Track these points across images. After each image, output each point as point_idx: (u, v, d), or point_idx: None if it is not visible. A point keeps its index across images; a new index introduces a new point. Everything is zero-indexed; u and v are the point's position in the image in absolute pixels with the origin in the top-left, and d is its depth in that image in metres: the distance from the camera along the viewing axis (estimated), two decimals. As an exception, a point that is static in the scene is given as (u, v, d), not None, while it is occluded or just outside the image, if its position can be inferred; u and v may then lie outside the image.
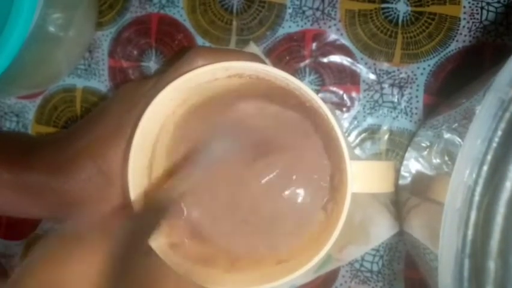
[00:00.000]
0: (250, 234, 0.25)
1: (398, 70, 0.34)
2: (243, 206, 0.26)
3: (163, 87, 0.22)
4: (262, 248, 0.25)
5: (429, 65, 0.34)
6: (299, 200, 0.25)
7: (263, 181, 0.25)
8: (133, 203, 0.22)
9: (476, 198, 0.14)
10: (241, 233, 0.25)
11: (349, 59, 0.34)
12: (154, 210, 0.21)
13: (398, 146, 0.34)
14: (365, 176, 0.22)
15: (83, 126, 0.28)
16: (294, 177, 0.25)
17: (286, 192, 0.25)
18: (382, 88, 0.34)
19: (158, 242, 0.22)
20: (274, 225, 0.25)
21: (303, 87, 0.21)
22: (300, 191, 0.25)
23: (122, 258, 0.17)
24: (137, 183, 0.22)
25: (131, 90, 0.26)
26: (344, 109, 0.34)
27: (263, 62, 0.24)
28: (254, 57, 0.24)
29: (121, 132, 0.24)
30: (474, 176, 0.14)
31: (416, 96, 0.34)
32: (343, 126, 0.34)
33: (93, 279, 0.16)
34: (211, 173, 0.25)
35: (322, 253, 0.21)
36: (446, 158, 0.23)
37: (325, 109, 0.21)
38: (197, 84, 0.22)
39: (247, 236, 0.25)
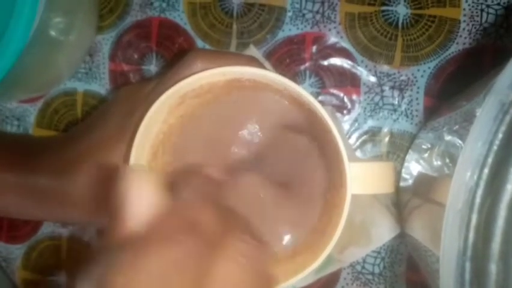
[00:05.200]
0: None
1: (398, 72, 0.34)
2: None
3: (162, 92, 0.22)
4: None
5: (429, 68, 0.34)
6: (298, 191, 0.25)
7: (262, 175, 0.25)
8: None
9: (477, 200, 0.14)
10: None
11: (349, 62, 0.34)
12: None
13: (399, 148, 0.34)
14: (364, 177, 0.22)
15: (84, 128, 0.28)
16: (292, 169, 0.25)
17: (285, 185, 0.25)
18: (382, 90, 0.34)
19: None
20: (275, 216, 0.25)
21: (301, 91, 0.21)
22: (299, 181, 0.25)
23: None
24: None
25: (132, 93, 0.26)
26: (345, 111, 0.34)
27: (262, 65, 0.24)
28: (253, 60, 0.24)
29: (122, 136, 0.24)
30: (475, 178, 0.14)
31: (417, 99, 0.34)
32: (344, 128, 0.34)
33: None
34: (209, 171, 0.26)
35: (322, 257, 0.21)
36: (447, 160, 0.23)
37: (323, 112, 0.21)
38: (196, 87, 0.23)
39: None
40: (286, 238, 0.25)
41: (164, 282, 0.13)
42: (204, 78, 0.22)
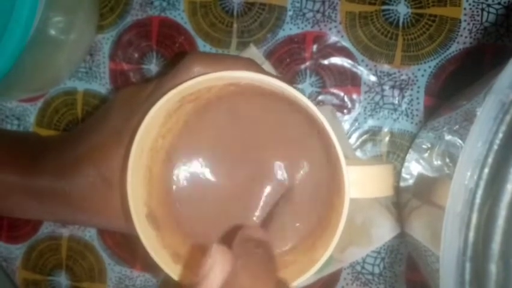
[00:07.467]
0: None
1: (398, 72, 0.34)
2: (241, 207, 0.26)
3: (160, 96, 0.22)
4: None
5: (430, 67, 0.34)
6: (299, 198, 0.25)
7: (262, 180, 0.25)
8: (131, 208, 0.22)
9: (477, 200, 0.14)
10: None
11: (350, 61, 0.34)
12: None
13: (399, 147, 0.34)
14: (362, 182, 0.22)
15: (84, 130, 0.28)
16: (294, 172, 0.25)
17: (286, 190, 0.25)
18: (383, 90, 0.34)
19: (160, 253, 0.22)
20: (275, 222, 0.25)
21: (298, 95, 0.21)
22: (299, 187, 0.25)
23: None
24: (136, 188, 0.22)
25: (130, 96, 0.26)
26: (345, 111, 0.34)
27: (260, 67, 0.24)
28: (251, 63, 0.24)
29: (121, 140, 0.24)
30: (475, 178, 0.14)
31: (417, 98, 0.34)
32: (344, 128, 0.34)
33: None
34: (207, 173, 0.26)
35: (322, 260, 0.21)
36: (447, 160, 0.23)
37: (320, 117, 0.21)
38: (194, 91, 0.23)
39: None
40: (289, 243, 0.25)
41: None
42: (201, 83, 0.22)
